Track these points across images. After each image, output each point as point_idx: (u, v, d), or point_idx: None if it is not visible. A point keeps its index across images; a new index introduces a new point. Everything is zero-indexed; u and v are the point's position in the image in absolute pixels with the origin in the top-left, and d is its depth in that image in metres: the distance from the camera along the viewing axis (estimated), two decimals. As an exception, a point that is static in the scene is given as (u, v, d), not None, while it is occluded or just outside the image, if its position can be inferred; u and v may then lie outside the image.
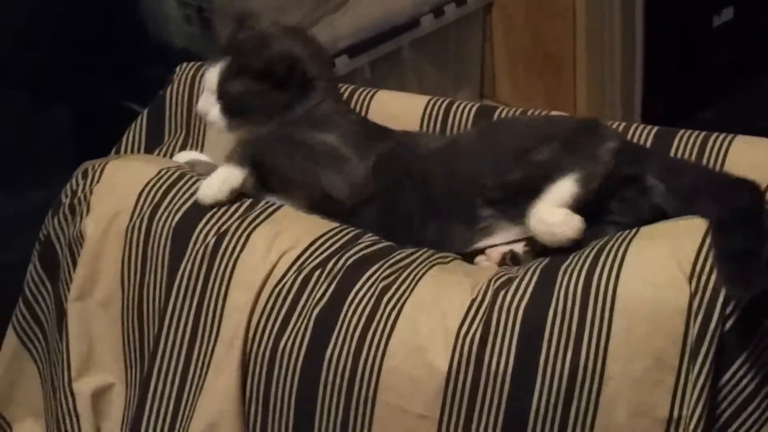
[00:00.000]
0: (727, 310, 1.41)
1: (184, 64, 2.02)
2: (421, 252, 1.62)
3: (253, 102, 1.76)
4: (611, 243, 1.50)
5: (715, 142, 1.75)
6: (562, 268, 1.50)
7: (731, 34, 3.06)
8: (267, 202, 1.67)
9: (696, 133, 1.77)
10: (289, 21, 2.50)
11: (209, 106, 1.78)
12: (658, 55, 2.91)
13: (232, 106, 1.77)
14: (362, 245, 1.61)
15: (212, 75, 1.77)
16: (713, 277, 1.41)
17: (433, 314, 1.52)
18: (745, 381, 1.42)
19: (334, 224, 1.65)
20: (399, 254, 1.61)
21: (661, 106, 2.93)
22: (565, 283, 1.48)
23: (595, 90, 2.85)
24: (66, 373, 1.72)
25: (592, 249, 1.51)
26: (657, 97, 2.94)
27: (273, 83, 1.75)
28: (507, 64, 2.97)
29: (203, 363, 1.61)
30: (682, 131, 1.78)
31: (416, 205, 1.68)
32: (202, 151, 1.95)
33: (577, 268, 1.49)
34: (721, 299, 1.41)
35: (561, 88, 2.87)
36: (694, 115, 3.01)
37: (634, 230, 1.51)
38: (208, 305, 1.61)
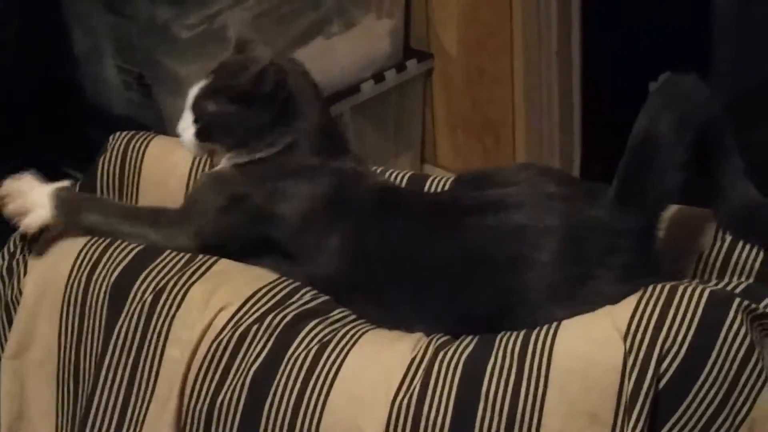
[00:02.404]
0: (662, 369, 1.42)
1: (117, 134, 1.98)
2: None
3: (229, 123, 1.69)
4: None
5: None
6: (503, 332, 1.53)
7: (668, 99, 3.10)
8: (204, 257, 1.67)
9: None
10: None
11: (184, 126, 1.72)
12: (595, 119, 2.94)
13: (205, 127, 1.71)
14: (301, 301, 1.61)
15: (191, 93, 1.72)
16: (648, 336, 1.43)
17: (374, 370, 1.52)
18: (680, 440, 1.44)
19: (273, 276, 1.65)
20: (339, 312, 1.61)
21: (600, 169, 2.96)
22: (504, 341, 1.50)
23: (534, 153, 2.88)
24: (-5, 433, 1.71)
25: None
26: (595, 160, 2.97)
27: (254, 102, 1.67)
28: (447, 128, 3.00)
29: (137, 421, 1.60)
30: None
31: None
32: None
33: (517, 330, 1.51)
34: (655, 357, 1.42)
35: (500, 152, 2.89)
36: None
37: None
38: (144, 363, 1.60)
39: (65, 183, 1.76)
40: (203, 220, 1.70)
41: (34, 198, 1.71)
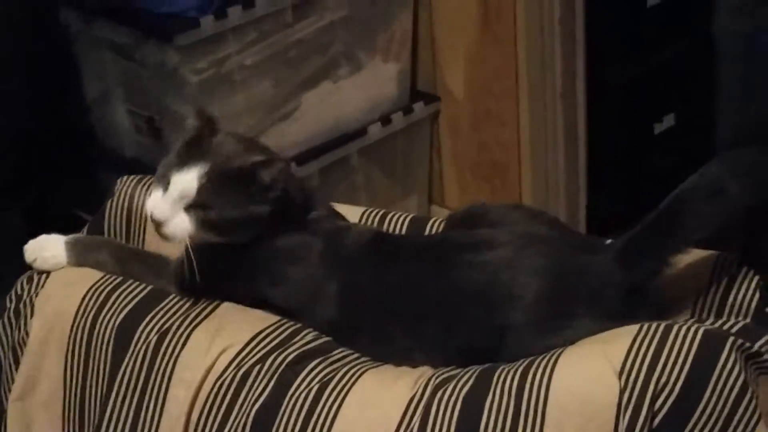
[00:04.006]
0: (656, 406, 1.44)
1: (125, 177, 2.00)
2: (360, 354, 1.65)
3: (241, 217, 1.64)
4: None
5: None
6: (500, 368, 1.55)
7: (673, 140, 3.13)
8: (208, 300, 1.70)
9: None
10: (240, 129, 2.57)
11: (172, 212, 1.63)
12: (601, 161, 2.96)
13: (214, 218, 1.63)
14: (302, 341, 1.64)
15: (186, 180, 1.62)
16: (643, 373, 1.45)
17: (373, 409, 1.54)
18: (675, 477, 1.45)
19: (275, 319, 1.67)
20: (339, 352, 1.63)
21: (606, 211, 2.98)
22: (501, 379, 1.52)
23: (541, 195, 2.90)
24: (2, 476, 1.73)
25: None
26: (601, 202, 2.99)
27: (255, 196, 1.64)
28: (454, 170, 3.02)
29: (142, 461, 1.62)
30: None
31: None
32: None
33: (514, 367, 1.53)
34: (649, 395, 1.44)
35: (507, 193, 2.91)
36: (641, 220, 3.05)
37: None
38: (149, 403, 1.63)
39: (78, 234, 1.89)
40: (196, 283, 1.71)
41: (50, 244, 1.80)
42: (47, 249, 1.80)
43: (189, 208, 1.63)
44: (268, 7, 2.55)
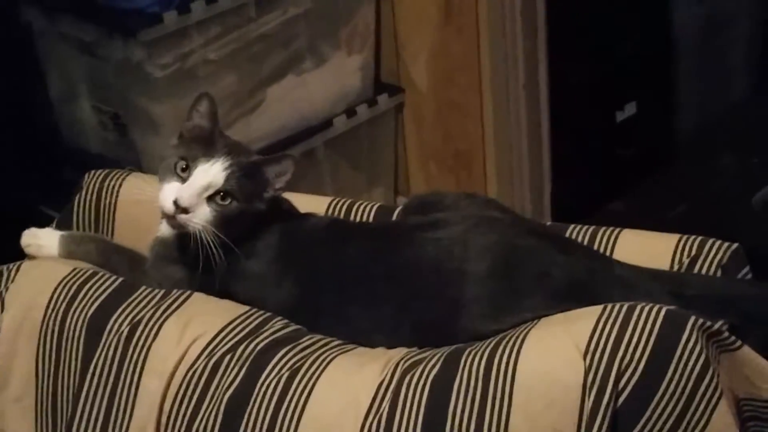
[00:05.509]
0: (620, 386, 1.47)
1: (92, 172, 2.03)
2: (329, 339, 1.67)
3: (249, 210, 1.72)
4: (512, 331, 1.58)
5: (603, 235, 1.82)
6: (467, 350, 1.57)
7: (635, 128, 3.16)
8: (179, 291, 1.71)
9: (585, 227, 1.85)
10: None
11: (197, 201, 1.68)
12: (564, 150, 2.99)
13: (233, 209, 1.70)
14: (272, 329, 1.66)
15: (214, 171, 1.69)
16: (607, 354, 1.48)
17: (343, 395, 1.56)
18: (638, 456, 1.48)
19: (245, 308, 1.69)
20: (308, 339, 1.65)
21: (570, 199, 3.01)
22: (469, 361, 1.54)
23: (505, 184, 2.93)
24: (-25, 469, 1.73)
25: (495, 337, 1.58)
26: (566, 191, 3.02)
27: (260, 193, 1.73)
28: (419, 161, 3.05)
29: (115, 451, 1.63)
30: (572, 226, 1.85)
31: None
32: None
33: (481, 350, 1.56)
34: (614, 375, 1.47)
35: (472, 184, 2.94)
36: (605, 207, 3.09)
37: (535, 321, 1.59)
38: (121, 393, 1.64)
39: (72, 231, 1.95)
40: (166, 283, 1.75)
41: (46, 236, 1.87)
42: (42, 239, 1.86)
43: (209, 199, 1.69)
44: (231, 1, 2.57)
